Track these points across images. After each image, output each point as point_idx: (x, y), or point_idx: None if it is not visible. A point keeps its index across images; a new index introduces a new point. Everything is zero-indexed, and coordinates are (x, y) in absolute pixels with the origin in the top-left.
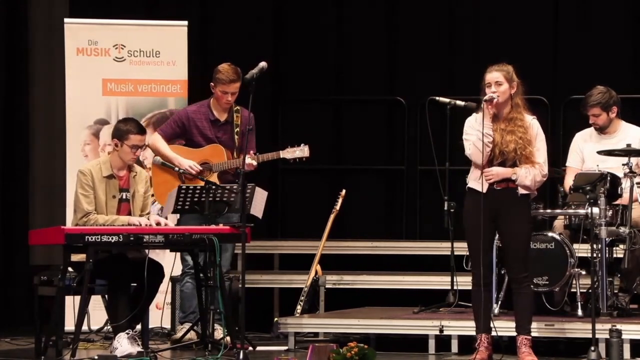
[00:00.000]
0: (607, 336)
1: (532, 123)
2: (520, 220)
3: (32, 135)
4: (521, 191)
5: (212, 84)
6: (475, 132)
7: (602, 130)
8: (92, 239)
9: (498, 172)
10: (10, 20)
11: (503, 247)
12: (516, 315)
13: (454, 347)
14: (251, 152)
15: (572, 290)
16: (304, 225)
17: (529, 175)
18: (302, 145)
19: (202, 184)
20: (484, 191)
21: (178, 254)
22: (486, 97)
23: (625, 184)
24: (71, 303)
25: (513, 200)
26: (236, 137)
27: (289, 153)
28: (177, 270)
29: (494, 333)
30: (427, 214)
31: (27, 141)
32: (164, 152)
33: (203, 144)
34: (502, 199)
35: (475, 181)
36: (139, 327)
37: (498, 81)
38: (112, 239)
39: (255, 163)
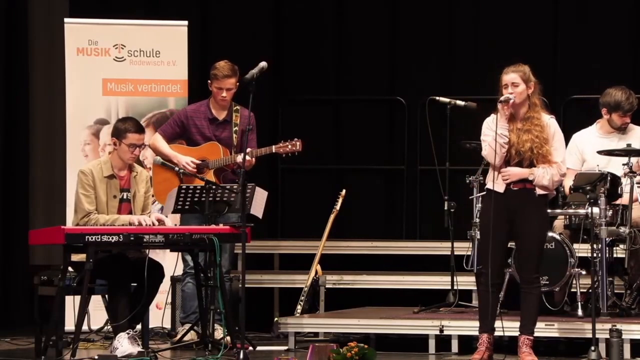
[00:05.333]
0: (607, 336)
1: (550, 122)
2: (537, 221)
3: (32, 135)
4: (539, 191)
5: (209, 81)
6: (492, 133)
7: (625, 129)
8: (92, 238)
9: (515, 172)
10: (10, 20)
11: (517, 248)
12: (522, 315)
13: (454, 347)
14: (248, 149)
15: (572, 290)
16: (304, 225)
17: (547, 175)
18: (294, 139)
19: (202, 183)
20: (502, 191)
21: (179, 253)
22: (502, 98)
23: (625, 183)
24: (71, 303)
25: (530, 201)
26: (235, 136)
27: (282, 148)
28: (178, 270)
29: (497, 333)
30: (427, 214)
31: (27, 141)
32: (163, 151)
33: (201, 143)
34: (519, 199)
35: (492, 182)
36: (139, 327)
37: (515, 82)
38: (112, 238)
39: (252, 159)
